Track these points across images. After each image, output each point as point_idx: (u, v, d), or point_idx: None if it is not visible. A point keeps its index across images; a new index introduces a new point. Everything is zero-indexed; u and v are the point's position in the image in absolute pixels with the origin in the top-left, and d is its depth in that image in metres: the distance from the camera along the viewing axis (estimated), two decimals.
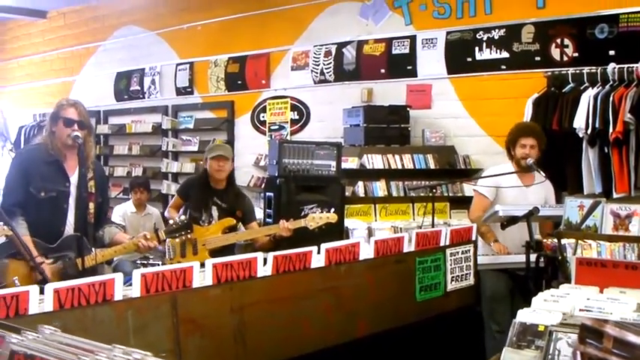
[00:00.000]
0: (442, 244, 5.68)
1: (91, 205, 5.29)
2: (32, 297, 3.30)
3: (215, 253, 6.43)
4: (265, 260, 4.35)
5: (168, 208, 7.62)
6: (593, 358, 2.32)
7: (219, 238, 6.77)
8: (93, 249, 5.27)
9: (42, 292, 3.38)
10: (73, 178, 5.38)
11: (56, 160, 5.35)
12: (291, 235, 6.49)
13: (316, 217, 6.45)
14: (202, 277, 4.03)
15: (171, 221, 6.18)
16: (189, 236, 6.13)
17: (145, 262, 7.08)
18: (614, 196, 7.39)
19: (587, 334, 2.41)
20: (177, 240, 6.19)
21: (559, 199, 7.16)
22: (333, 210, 6.64)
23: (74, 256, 5.15)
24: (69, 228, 5.35)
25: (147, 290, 3.72)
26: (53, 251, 5.23)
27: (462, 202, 8.84)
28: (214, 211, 7.09)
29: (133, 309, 3.63)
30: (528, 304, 3.22)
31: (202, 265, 4.07)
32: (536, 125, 7.16)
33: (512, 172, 6.69)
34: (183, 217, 6.05)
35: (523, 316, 2.99)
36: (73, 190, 5.38)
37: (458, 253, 5.81)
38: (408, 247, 5.40)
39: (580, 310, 3.10)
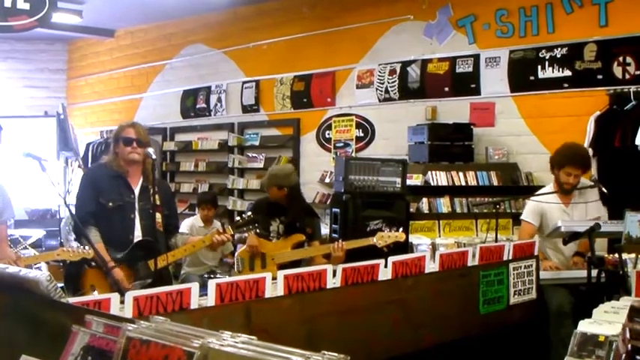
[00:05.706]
0: (505, 258, 5.79)
1: (158, 215, 5.67)
2: (113, 304, 3.50)
3: (283, 267, 6.56)
4: (335, 272, 4.52)
5: None
6: (638, 331, 2.64)
7: (288, 254, 6.91)
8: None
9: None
10: (137, 190, 5.83)
11: (120, 174, 5.79)
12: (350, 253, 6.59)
13: (385, 236, 6.52)
14: (274, 287, 4.17)
15: (237, 218, 6.36)
16: (257, 230, 6.43)
17: (213, 276, 7.23)
18: None
19: (634, 314, 2.78)
20: (247, 252, 6.40)
21: (621, 216, 7.23)
22: (401, 229, 6.74)
23: (145, 258, 5.50)
24: (137, 235, 5.75)
25: (221, 299, 3.85)
26: (126, 256, 5.60)
27: None
28: (280, 228, 7.24)
29: (208, 317, 3.75)
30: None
31: (274, 277, 4.25)
32: (586, 152, 7.24)
33: (552, 192, 6.84)
34: (249, 213, 6.22)
35: (584, 326, 3.07)
36: (136, 201, 5.80)
37: (521, 267, 5.91)
38: (472, 261, 5.52)
39: None
